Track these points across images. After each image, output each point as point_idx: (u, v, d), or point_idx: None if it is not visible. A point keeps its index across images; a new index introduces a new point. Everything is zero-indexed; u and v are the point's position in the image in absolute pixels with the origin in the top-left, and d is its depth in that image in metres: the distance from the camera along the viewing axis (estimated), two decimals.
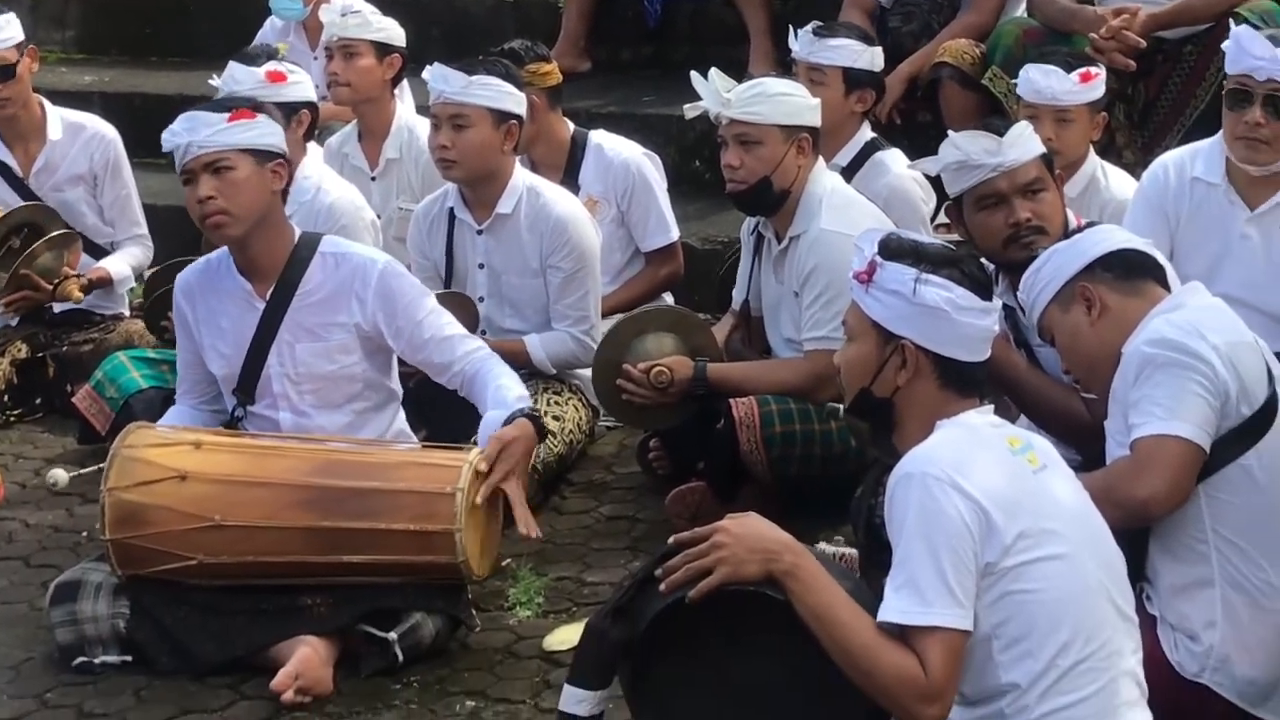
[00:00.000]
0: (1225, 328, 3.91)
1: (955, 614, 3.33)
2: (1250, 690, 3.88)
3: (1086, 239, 4.02)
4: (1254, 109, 4.96)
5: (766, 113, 5.23)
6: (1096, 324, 3.97)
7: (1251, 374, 3.85)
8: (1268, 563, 3.85)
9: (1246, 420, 3.82)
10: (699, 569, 3.44)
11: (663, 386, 5.31)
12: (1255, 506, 3.84)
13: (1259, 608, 3.86)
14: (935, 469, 3.38)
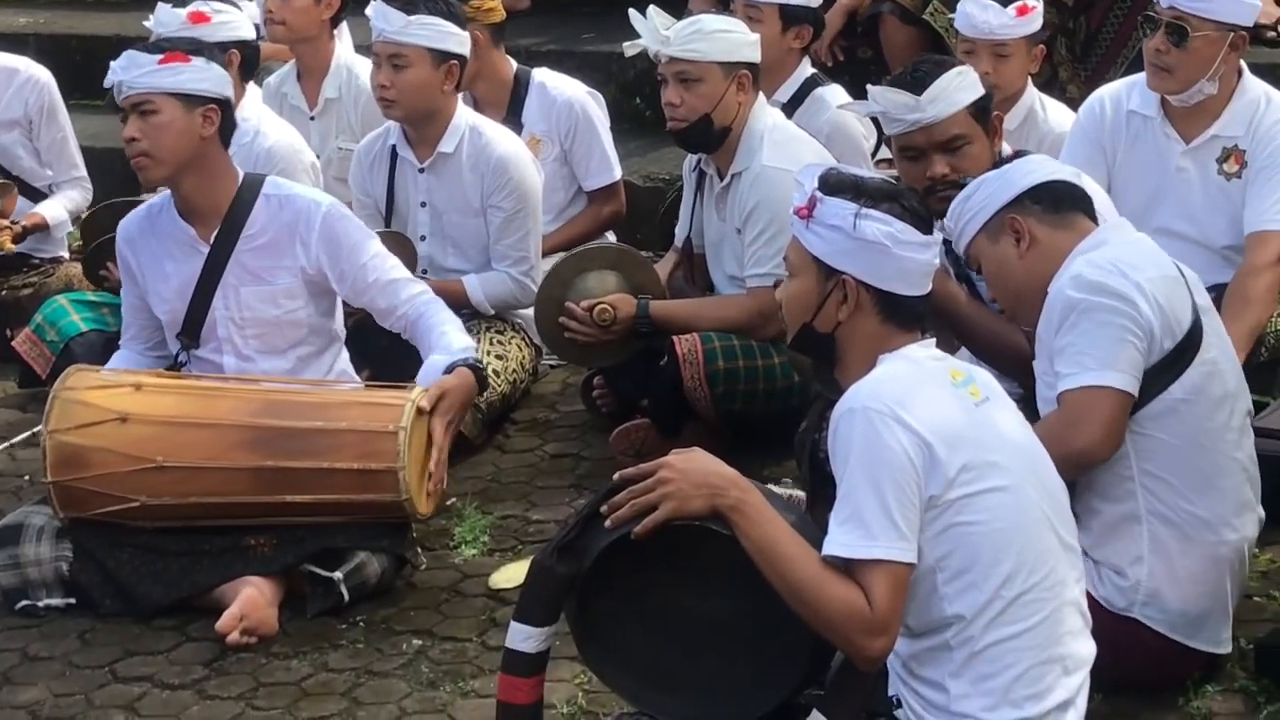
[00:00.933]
0: (1147, 263, 3.92)
1: (899, 547, 3.33)
2: (1181, 622, 3.93)
3: (1016, 170, 4.01)
4: (1156, 35, 5.00)
5: (705, 50, 5.22)
6: (1025, 256, 3.97)
7: (1175, 308, 3.87)
8: (1195, 495, 3.89)
9: (1169, 354, 3.85)
10: (644, 505, 3.43)
11: (606, 324, 5.30)
12: (1180, 440, 3.87)
13: (1188, 540, 3.90)
14: (878, 403, 3.38)
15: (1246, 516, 3.99)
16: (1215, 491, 3.91)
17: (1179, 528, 3.90)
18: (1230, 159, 5.13)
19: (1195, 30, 4.99)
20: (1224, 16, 4.99)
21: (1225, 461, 3.93)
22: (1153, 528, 3.90)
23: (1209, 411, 3.89)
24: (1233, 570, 3.98)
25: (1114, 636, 3.53)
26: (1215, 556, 3.93)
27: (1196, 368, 3.87)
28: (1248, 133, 5.09)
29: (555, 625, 3.53)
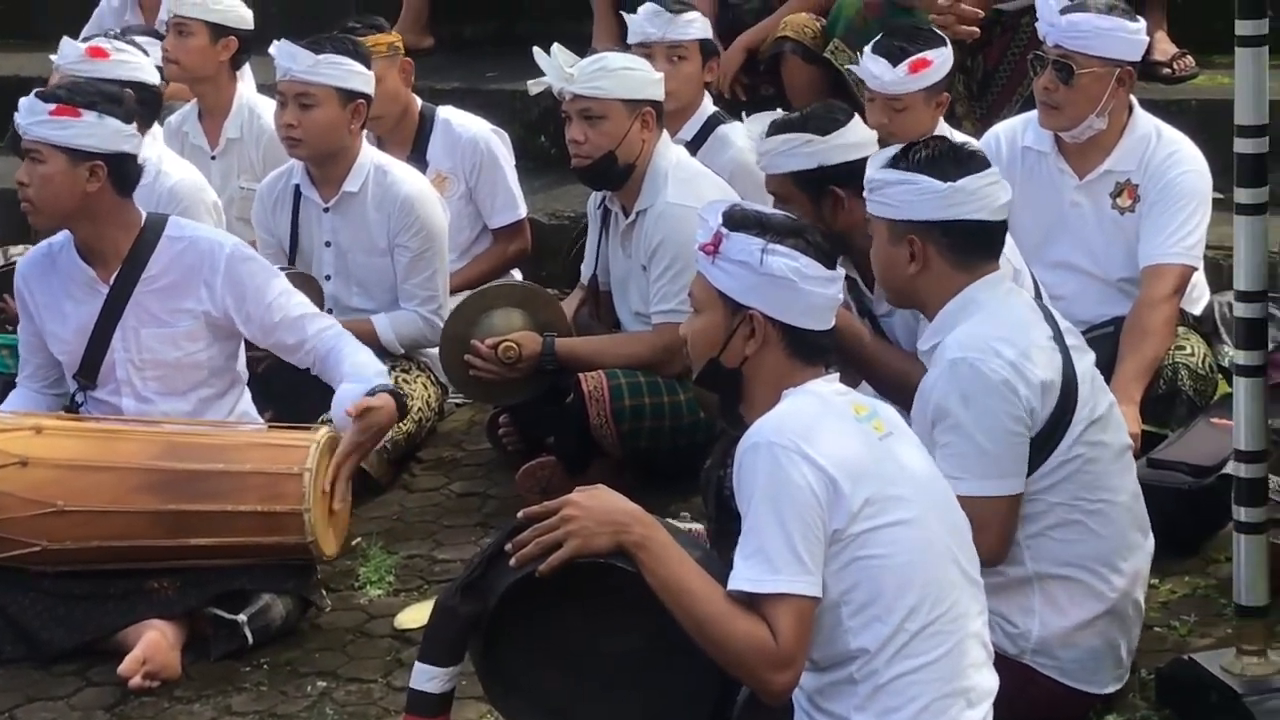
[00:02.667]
0: (1018, 333, 3.89)
1: (804, 581, 3.35)
2: (1074, 668, 3.97)
3: (956, 193, 3.92)
4: (1045, 73, 5.06)
5: (610, 87, 5.24)
6: (913, 274, 3.96)
7: (1048, 375, 3.87)
8: (1082, 548, 3.92)
9: (1046, 424, 3.86)
10: (549, 543, 3.44)
11: (511, 362, 5.30)
12: (1065, 498, 3.90)
13: (1077, 591, 3.94)
14: (782, 438, 3.41)
15: (1134, 557, 4.02)
16: (1102, 540, 3.95)
17: (1068, 581, 3.93)
18: (1123, 193, 5.20)
19: (1082, 68, 5.06)
20: (1110, 53, 5.07)
21: (1110, 508, 3.96)
22: (1043, 584, 3.93)
23: (1089, 464, 3.92)
24: (1123, 615, 4.01)
25: (1007, 679, 3.56)
26: (1105, 604, 3.96)
27: (1074, 427, 3.89)
28: (1140, 167, 5.17)
29: (460, 665, 3.52)
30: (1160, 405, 5.03)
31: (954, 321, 3.93)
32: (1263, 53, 3.75)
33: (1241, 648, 3.95)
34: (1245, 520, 3.92)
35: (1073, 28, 5.10)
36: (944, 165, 3.94)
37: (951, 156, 3.97)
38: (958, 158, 3.98)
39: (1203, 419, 4.94)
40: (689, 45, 5.87)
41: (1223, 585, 4.46)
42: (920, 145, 3.99)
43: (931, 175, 3.92)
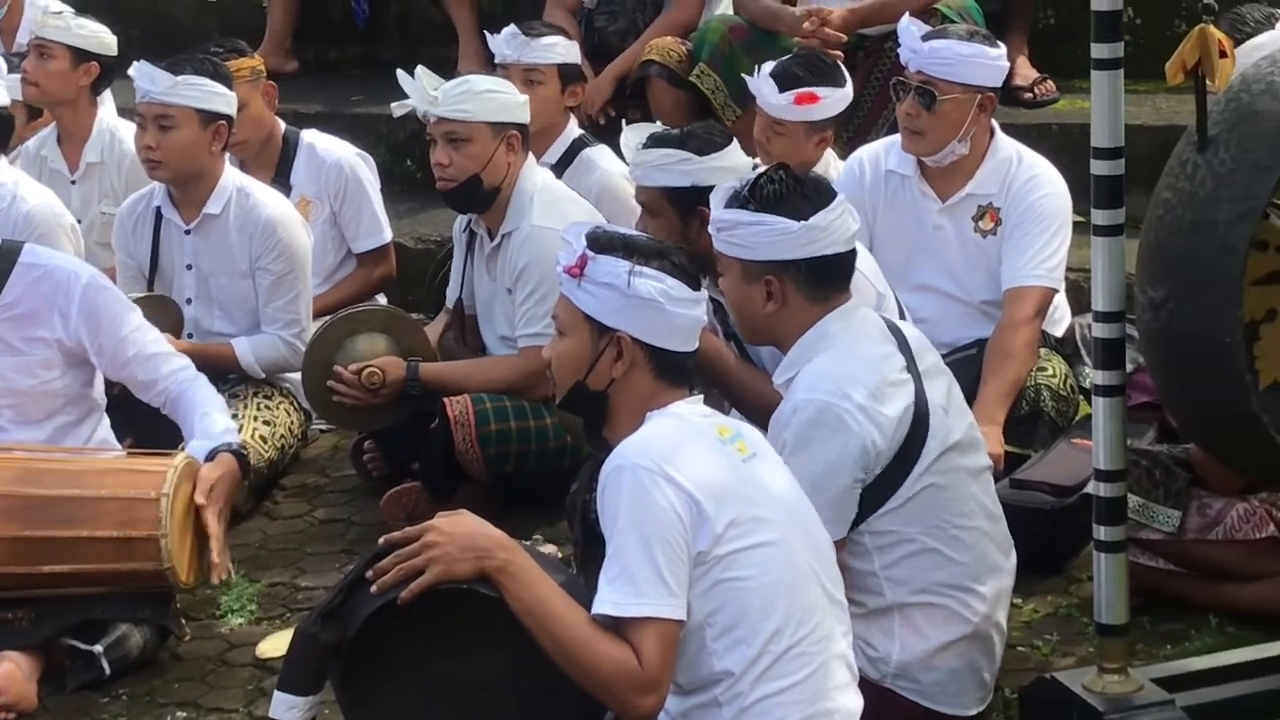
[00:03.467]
0: (869, 371, 3.89)
1: (669, 604, 3.35)
2: (934, 690, 3.98)
3: (813, 231, 3.90)
4: (908, 99, 5.11)
5: (474, 110, 5.22)
6: (770, 312, 3.95)
7: (895, 410, 3.88)
8: (940, 575, 3.94)
9: (893, 458, 3.88)
10: (410, 569, 3.41)
11: (375, 387, 5.26)
12: (919, 527, 3.92)
13: (937, 616, 3.96)
14: (646, 460, 3.40)
15: (995, 580, 4.04)
16: (960, 566, 3.96)
17: (928, 607, 3.95)
18: (985, 217, 5.25)
19: (943, 94, 5.11)
20: (971, 79, 5.12)
21: (967, 534, 3.98)
22: (903, 611, 3.95)
23: (942, 492, 3.94)
24: (985, 636, 4.03)
25: (870, 702, 3.57)
26: (967, 627, 3.98)
27: (925, 458, 3.90)
28: (1001, 191, 5.22)
29: (320, 694, 3.48)
30: (1023, 426, 5.07)
31: (809, 355, 3.93)
32: (1118, 76, 3.79)
33: (1103, 666, 3.97)
34: (1105, 539, 3.95)
35: (935, 54, 5.14)
36: (794, 202, 3.91)
37: (799, 192, 3.94)
38: (805, 193, 3.95)
39: (1064, 440, 4.99)
40: (545, 69, 5.85)
41: (1085, 604, 4.50)
42: (765, 180, 3.95)
43: (783, 214, 3.90)
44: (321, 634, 3.44)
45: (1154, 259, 3.79)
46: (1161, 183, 3.79)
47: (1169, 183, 3.76)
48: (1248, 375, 3.69)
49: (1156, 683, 3.97)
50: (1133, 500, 4.33)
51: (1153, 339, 3.85)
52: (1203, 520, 4.45)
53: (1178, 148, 3.79)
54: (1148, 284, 3.79)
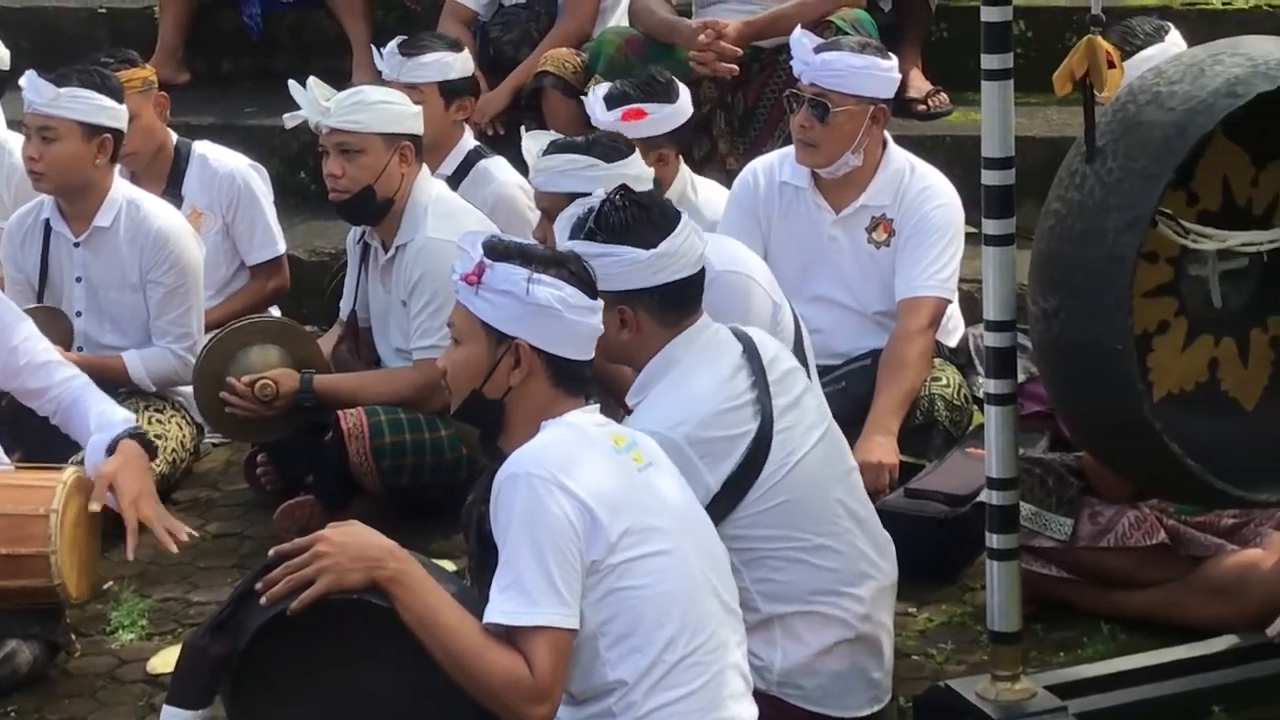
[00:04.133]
0: (699, 404, 3.88)
1: (561, 613, 3.34)
2: (819, 695, 4.01)
3: (663, 259, 3.89)
4: (801, 111, 5.13)
5: (367, 121, 5.19)
6: (626, 339, 3.95)
7: (731, 432, 3.90)
8: (811, 582, 3.96)
9: (734, 473, 3.89)
10: (300, 580, 3.39)
11: (268, 400, 5.21)
12: (781, 536, 3.94)
13: (816, 622, 3.98)
14: (539, 469, 3.39)
15: (871, 582, 4.05)
16: (830, 573, 3.99)
17: (805, 615, 3.97)
18: (879, 228, 5.28)
19: (836, 106, 5.14)
20: (863, 91, 5.15)
21: (835, 540, 4.00)
22: (782, 621, 3.96)
23: (799, 504, 3.96)
24: (868, 638, 4.05)
25: (759, 709, 3.57)
26: (847, 630, 4.00)
27: (769, 473, 3.92)
28: (894, 202, 5.25)
29: (209, 709, 3.44)
30: (917, 436, 5.11)
31: (656, 378, 3.95)
32: (1008, 86, 3.82)
33: (995, 674, 4.00)
34: (998, 547, 3.97)
35: (827, 66, 5.17)
36: (642, 231, 3.89)
37: (645, 219, 3.92)
38: (651, 219, 3.92)
39: (958, 449, 5.03)
40: (424, 88, 5.78)
41: (978, 613, 4.53)
42: (609, 209, 3.92)
43: (631, 244, 3.88)
44: (210, 647, 3.40)
45: (1045, 269, 3.82)
46: (1051, 193, 3.82)
47: (1059, 193, 3.79)
48: (1139, 384, 3.71)
49: (1049, 690, 4.00)
50: (1025, 508, 4.36)
51: (1045, 349, 3.88)
52: (1095, 528, 4.49)
53: (1067, 158, 3.82)
54: (1039, 294, 3.82)
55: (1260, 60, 3.73)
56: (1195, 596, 4.41)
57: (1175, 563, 4.46)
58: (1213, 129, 3.68)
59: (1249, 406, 3.99)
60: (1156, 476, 3.92)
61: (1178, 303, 3.91)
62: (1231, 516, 4.49)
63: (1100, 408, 3.78)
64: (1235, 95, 3.68)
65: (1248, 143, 3.87)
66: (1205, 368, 3.95)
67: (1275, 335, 3.99)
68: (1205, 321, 3.93)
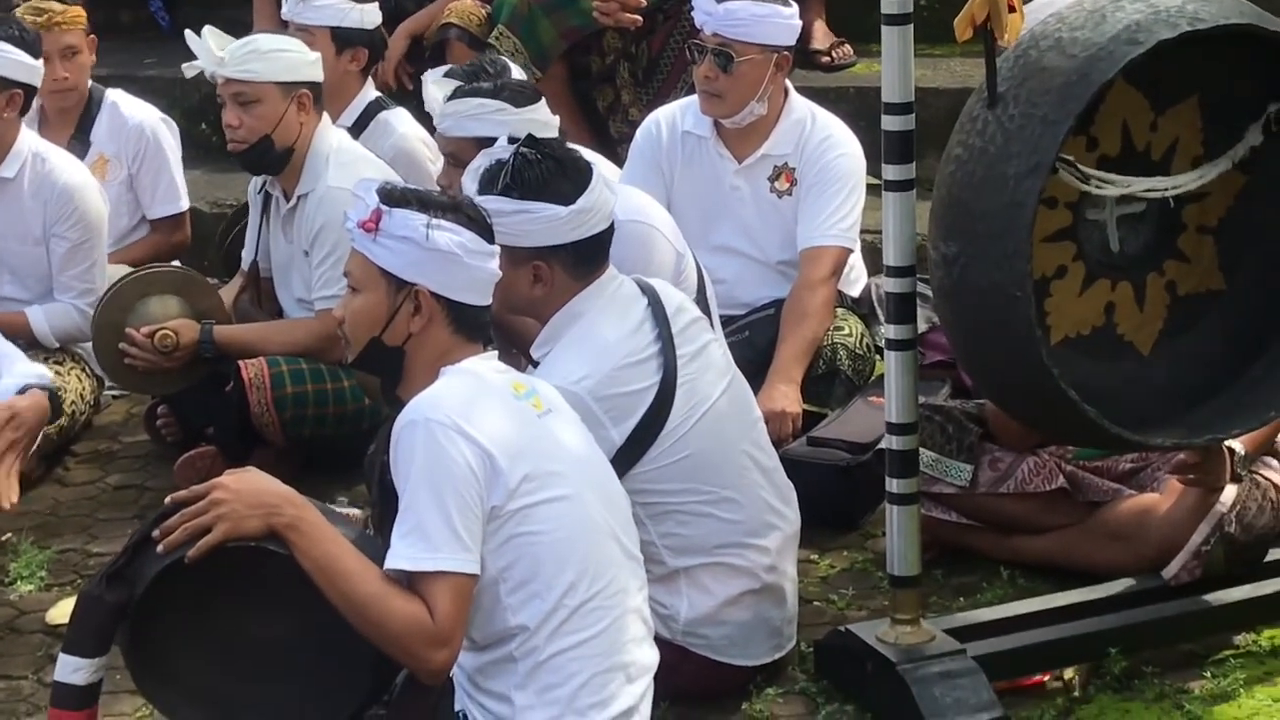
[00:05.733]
0: (603, 358, 3.89)
1: (462, 558, 3.33)
2: (725, 644, 4.03)
3: (581, 215, 3.88)
4: (704, 62, 5.13)
5: (262, 70, 5.15)
6: (535, 295, 3.94)
7: (631, 387, 3.91)
8: (716, 535, 3.98)
9: (635, 428, 3.90)
10: (197, 527, 3.37)
11: (168, 350, 5.17)
12: (686, 488, 3.96)
13: (720, 572, 4.00)
14: (439, 414, 3.38)
15: (776, 532, 4.08)
16: (736, 525, 4.00)
17: (711, 566, 3.99)
18: (781, 177, 5.29)
19: (740, 55, 5.14)
20: (766, 39, 5.15)
21: (738, 492, 4.02)
22: (688, 573, 3.98)
23: (704, 456, 3.96)
24: (773, 588, 4.07)
25: (663, 657, 3.58)
26: (753, 580, 4.03)
27: (673, 427, 3.93)
28: (796, 151, 5.26)
29: (105, 656, 3.41)
30: (820, 385, 5.13)
31: (562, 331, 3.94)
32: (908, 31, 3.82)
33: (895, 617, 4.02)
34: (897, 491, 3.99)
35: (730, 15, 5.16)
36: (558, 186, 3.87)
37: (561, 173, 3.89)
38: (566, 173, 3.90)
39: (860, 398, 5.05)
40: (316, 30, 5.70)
41: (880, 559, 4.56)
42: (524, 164, 3.87)
43: (549, 200, 3.85)
44: (106, 595, 3.38)
45: (946, 215, 3.83)
46: (953, 139, 3.83)
47: (960, 139, 3.80)
48: (1038, 329, 3.74)
49: (948, 633, 4.03)
50: (926, 455, 4.39)
51: (946, 295, 3.89)
52: (994, 474, 4.52)
53: (968, 104, 3.83)
54: (940, 240, 3.84)
55: (1161, 7, 3.73)
56: (1093, 541, 4.45)
57: (1073, 508, 4.50)
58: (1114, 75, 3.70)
59: (1145, 351, 4.02)
60: (1053, 420, 3.94)
61: (1076, 247, 3.93)
62: (1129, 461, 4.53)
63: (999, 352, 3.80)
64: (1136, 42, 3.69)
65: (1147, 87, 3.89)
66: (1102, 312, 3.97)
67: (1171, 280, 4.02)
68: (1102, 266, 3.96)
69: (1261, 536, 4.30)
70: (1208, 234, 4.03)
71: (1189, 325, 4.04)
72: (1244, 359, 4.02)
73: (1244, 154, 3.90)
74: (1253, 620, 4.27)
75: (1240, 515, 4.27)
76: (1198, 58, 3.81)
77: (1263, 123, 3.90)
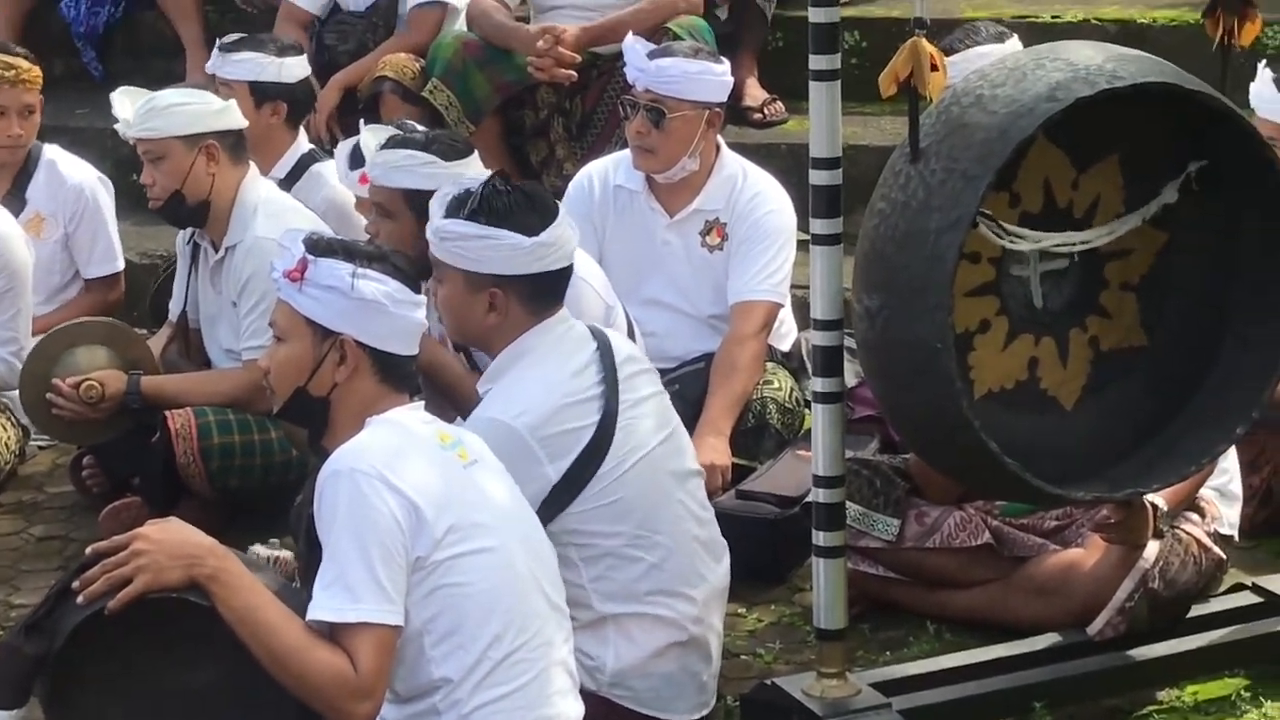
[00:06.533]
0: (550, 394, 3.92)
1: (385, 609, 3.32)
2: (650, 698, 4.02)
3: (544, 247, 3.94)
4: (637, 117, 5.16)
5: (162, 126, 5.18)
6: (491, 324, 3.98)
7: (570, 425, 3.93)
8: (647, 583, 3.98)
9: (571, 466, 3.91)
10: (118, 578, 3.34)
11: (94, 401, 5.16)
12: (620, 536, 3.96)
13: (649, 624, 4.00)
14: (364, 464, 3.38)
15: (705, 585, 4.08)
16: (665, 574, 4.01)
17: (638, 616, 3.99)
18: (712, 232, 5.31)
19: (672, 111, 5.17)
20: (698, 96, 5.19)
21: (672, 540, 4.02)
22: (616, 621, 3.98)
23: (639, 501, 3.98)
24: (700, 641, 4.07)
25: (589, 710, 3.58)
26: (680, 633, 4.02)
27: (610, 468, 3.94)
28: (727, 206, 5.29)
29: (24, 709, 3.38)
30: (749, 438, 5.14)
31: (507, 367, 3.98)
32: (836, 88, 3.85)
33: (821, 671, 4.02)
34: (824, 545, 3.99)
35: (662, 72, 5.20)
36: (524, 217, 3.94)
37: (528, 206, 3.96)
38: (534, 207, 3.97)
39: (789, 451, 5.07)
40: (235, 85, 5.72)
41: (807, 613, 4.55)
42: (493, 192, 3.94)
43: (514, 230, 3.92)
44: (25, 646, 3.34)
45: (869, 268, 3.86)
46: (876, 193, 3.86)
47: (883, 193, 3.83)
48: (959, 382, 3.76)
49: (874, 687, 4.03)
50: (853, 509, 4.40)
51: (869, 348, 3.92)
52: (921, 528, 4.54)
53: (892, 159, 3.87)
54: (864, 293, 3.86)
55: (1081, 65, 3.79)
56: (1019, 596, 4.47)
57: (999, 563, 4.52)
58: (1034, 132, 3.74)
59: (1068, 406, 4.05)
60: (975, 474, 3.97)
61: (999, 302, 3.96)
62: (1054, 518, 4.56)
63: (921, 405, 3.82)
64: (1056, 100, 3.73)
65: (1069, 146, 3.93)
66: (1025, 367, 4.00)
67: (1094, 335, 4.05)
68: (1026, 321, 3.99)
69: (1184, 592, 4.32)
70: (1130, 291, 4.06)
71: (1111, 381, 4.07)
72: (1165, 415, 4.05)
73: (1156, 211, 3.95)
74: (1176, 675, 4.30)
75: (1163, 571, 4.29)
76: (1118, 116, 3.86)
77: (1181, 181, 3.94)
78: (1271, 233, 3.97)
